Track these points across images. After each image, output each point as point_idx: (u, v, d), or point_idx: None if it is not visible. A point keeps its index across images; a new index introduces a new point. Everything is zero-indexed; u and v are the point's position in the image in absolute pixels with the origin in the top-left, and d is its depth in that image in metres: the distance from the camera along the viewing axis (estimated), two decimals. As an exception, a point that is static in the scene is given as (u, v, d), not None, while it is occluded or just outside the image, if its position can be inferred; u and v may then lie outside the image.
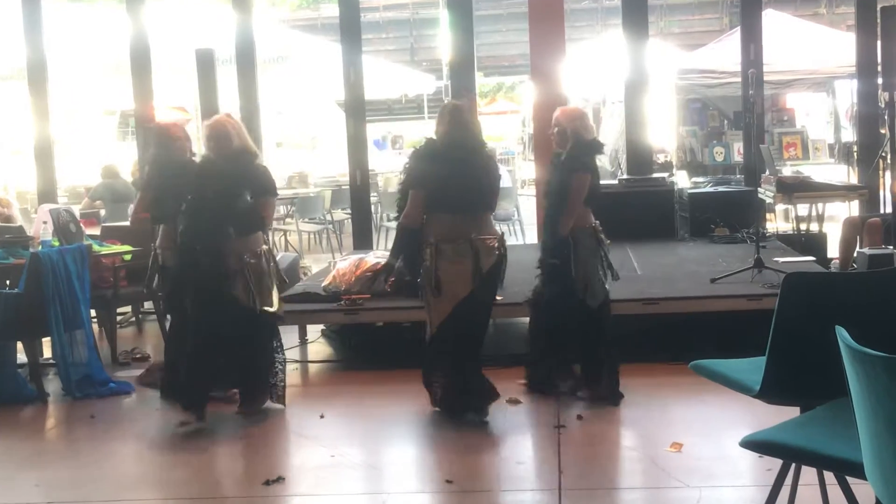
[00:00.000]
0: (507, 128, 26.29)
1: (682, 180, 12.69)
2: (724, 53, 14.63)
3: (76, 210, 8.99)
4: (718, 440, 5.83)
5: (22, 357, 7.57)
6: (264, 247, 6.45)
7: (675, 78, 15.10)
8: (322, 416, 6.52)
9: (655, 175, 11.45)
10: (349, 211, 13.08)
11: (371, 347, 8.16)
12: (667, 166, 14.15)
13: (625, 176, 11.51)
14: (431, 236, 6.14)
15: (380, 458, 5.99)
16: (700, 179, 12.97)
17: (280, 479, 5.42)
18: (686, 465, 5.36)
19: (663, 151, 15.10)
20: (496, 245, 6.34)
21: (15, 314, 7.15)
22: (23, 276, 7.36)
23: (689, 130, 16.57)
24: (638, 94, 11.36)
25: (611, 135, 17.07)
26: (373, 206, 12.62)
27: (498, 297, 7.83)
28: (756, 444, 3.28)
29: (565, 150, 6.58)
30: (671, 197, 10.96)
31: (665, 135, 16.16)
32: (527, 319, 7.98)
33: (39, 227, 8.31)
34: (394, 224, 6.80)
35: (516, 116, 26.15)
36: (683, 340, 7.32)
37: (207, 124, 6.42)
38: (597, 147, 6.81)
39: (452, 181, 6.12)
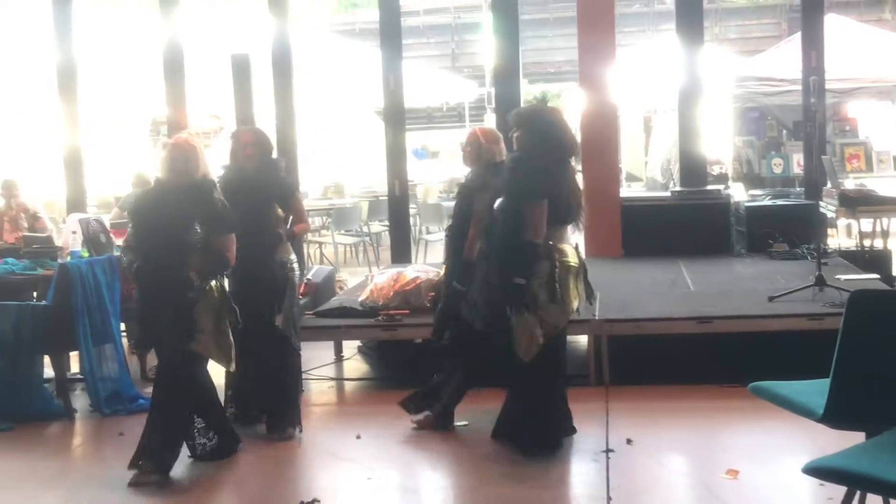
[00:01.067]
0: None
1: (739, 193, 12.61)
2: (784, 60, 14.51)
3: (106, 220, 9.06)
4: (776, 467, 5.76)
5: (49, 372, 7.63)
6: (213, 283, 5.96)
7: (732, 85, 15.01)
8: (359, 437, 6.51)
9: (710, 187, 11.39)
10: (387, 223, 13.12)
11: (410, 365, 8.15)
12: (722, 178, 14.07)
13: (678, 188, 11.45)
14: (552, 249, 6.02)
15: (418, 482, 5.99)
16: (757, 192, 12.88)
17: (315, 502, 5.44)
18: (742, 493, 5.31)
19: (718, 162, 15.01)
20: None
21: (42, 327, 7.21)
22: (51, 287, 7.44)
23: (746, 141, 16.46)
24: (692, 103, 11.31)
25: (662, 144, 17.02)
26: (412, 218, 12.65)
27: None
28: (819, 471, 3.25)
29: (473, 168, 6.60)
30: (727, 210, 10.89)
31: (720, 145, 16.05)
32: (567, 338, 7.99)
33: (68, 238, 8.39)
34: (433, 237, 6.83)
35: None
36: (739, 361, 7.26)
37: (170, 143, 5.95)
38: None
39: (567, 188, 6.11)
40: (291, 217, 6.68)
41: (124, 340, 8.19)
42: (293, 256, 6.61)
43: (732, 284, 8.97)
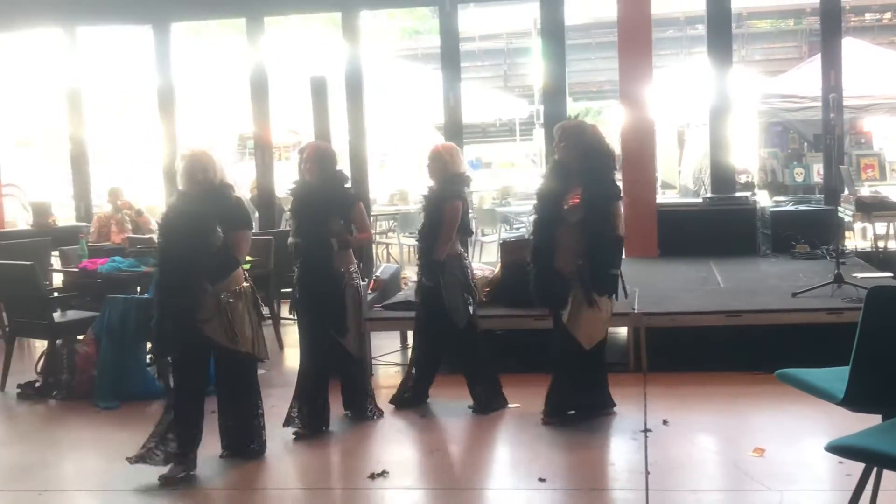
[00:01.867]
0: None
1: (764, 199, 12.46)
2: (805, 79, 14.35)
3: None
4: (799, 446, 5.72)
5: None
6: (244, 284, 5.71)
7: (758, 102, 14.86)
8: (422, 416, 6.55)
9: (738, 194, 11.30)
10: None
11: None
12: (749, 186, 13.91)
13: (709, 195, 11.38)
14: None
15: (477, 456, 5.98)
16: (781, 198, 12.73)
17: (384, 473, 5.48)
18: (768, 469, 5.27)
19: (746, 172, 14.86)
20: None
21: (145, 317, 7.30)
22: (152, 282, 7.55)
23: (771, 152, 16.28)
24: (722, 118, 11.23)
25: (694, 155, 16.90)
26: (470, 225, 12.65)
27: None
28: (840, 449, 3.23)
29: (436, 180, 6.59)
30: (753, 215, 10.81)
31: (747, 156, 15.90)
32: (609, 330, 7.97)
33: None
34: (488, 238, 6.82)
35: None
36: (765, 351, 7.21)
37: (187, 154, 5.65)
38: (465, 180, 6.74)
39: None
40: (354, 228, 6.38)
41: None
42: (353, 266, 6.35)
43: (759, 282, 8.90)
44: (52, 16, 12.33)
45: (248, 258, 8.64)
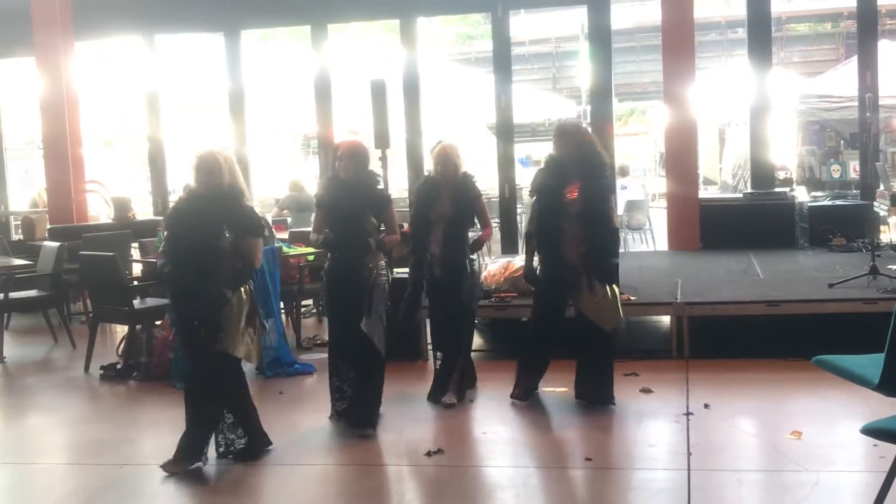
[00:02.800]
0: (638, 147, 25.96)
1: (802, 195, 12.30)
2: (842, 80, 14.16)
3: (269, 217, 9.25)
4: (836, 429, 5.64)
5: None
6: (242, 287, 5.39)
7: (797, 102, 14.68)
8: (472, 401, 6.55)
9: (777, 189, 11.17)
10: (498, 220, 13.11)
11: (517, 338, 8.15)
12: (787, 182, 13.75)
13: (749, 190, 11.25)
14: None
15: (526, 436, 5.96)
16: (819, 194, 12.54)
17: (440, 451, 5.50)
18: (805, 451, 5.20)
19: (784, 168, 14.67)
20: None
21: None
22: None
23: (809, 150, 16.06)
24: (762, 117, 11.10)
25: (734, 153, 16.72)
26: (518, 217, 12.62)
27: (632, 298, 7.81)
28: (875, 432, 3.19)
29: (453, 178, 6.41)
30: (792, 209, 10.67)
31: (786, 154, 15.70)
32: (653, 318, 7.95)
33: (238, 232, 8.57)
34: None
35: (647, 137, 25.81)
36: (803, 339, 7.11)
37: (198, 155, 5.37)
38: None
39: None
40: (384, 227, 6.05)
41: (283, 316, 8.35)
42: (382, 263, 6.03)
43: (797, 273, 8.78)
44: (133, 25, 12.50)
45: (313, 250, 8.77)
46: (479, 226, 6.66)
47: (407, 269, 6.73)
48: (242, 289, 5.37)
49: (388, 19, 15.39)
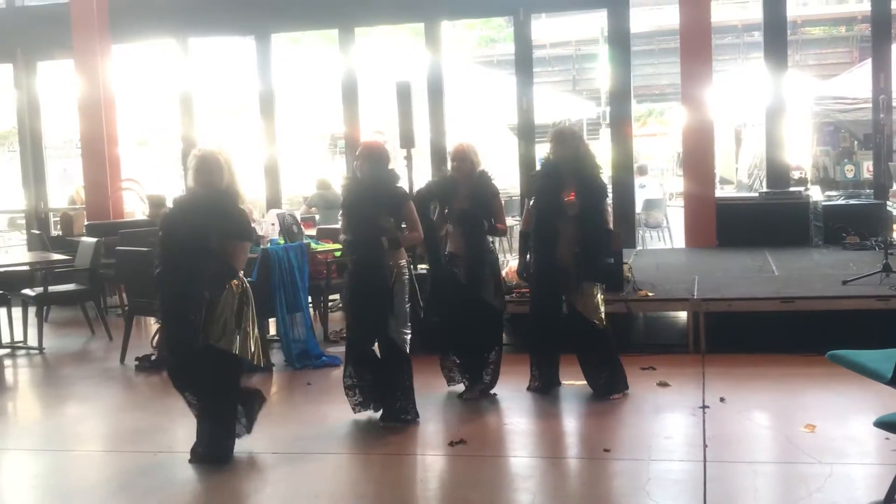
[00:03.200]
0: (656, 148, 25.87)
1: (816, 194, 12.20)
2: (856, 82, 14.03)
3: (297, 214, 9.28)
4: (849, 423, 5.61)
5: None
6: (233, 282, 5.26)
7: (811, 104, 14.57)
8: (495, 394, 6.55)
9: (792, 189, 11.09)
10: (518, 218, 13.10)
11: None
12: (802, 182, 13.63)
13: (764, 189, 11.19)
14: None
15: (546, 428, 5.96)
16: (833, 193, 12.46)
17: (462, 442, 5.51)
18: (818, 444, 5.18)
19: (799, 168, 14.55)
20: None
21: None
22: (255, 267, 7.67)
23: (823, 150, 15.95)
24: (777, 119, 11.03)
25: (750, 153, 16.63)
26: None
27: (650, 294, 7.80)
28: (888, 425, 3.18)
29: (470, 175, 6.32)
30: (806, 208, 10.60)
31: (801, 154, 15.60)
32: (671, 314, 7.92)
33: (269, 228, 8.62)
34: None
35: (665, 138, 25.71)
36: (817, 335, 7.07)
37: (198, 155, 5.23)
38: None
39: None
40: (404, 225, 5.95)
41: (311, 310, 8.38)
42: (403, 262, 5.93)
43: (811, 270, 8.73)
44: (167, 29, 12.57)
45: (340, 246, 8.78)
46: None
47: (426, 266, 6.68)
48: (234, 287, 5.22)
49: (413, 23, 15.40)
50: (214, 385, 5.29)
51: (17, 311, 9.30)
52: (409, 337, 5.92)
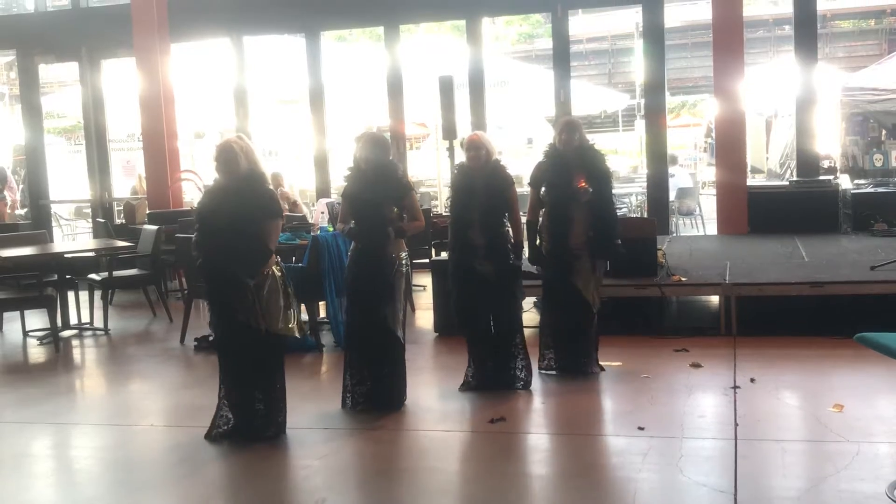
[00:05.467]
0: (688, 138, 25.62)
1: (846, 182, 12.00)
2: (884, 74, 13.77)
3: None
4: (876, 403, 5.53)
5: (304, 316, 7.92)
6: (274, 267, 5.25)
7: (841, 95, 14.31)
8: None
9: (822, 177, 10.93)
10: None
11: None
12: (831, 170, 13.42)
13: (794, 178, 11.04)
14: None
15: (583, 406, 5.92)
16: (861, 182, 12.24)
17: (502, 419, 5.52)
18: (846, 423, 5.11)
19: (828, 157, 14.32)
20: None
21: (300, 283, 7.44)
22: (306, 253, 7.74)
23: (852, 140, 15.64)
24: (807, 109, 10.87)
25: (780, 143, 16.41)
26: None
27: (683, 279, 7.73)
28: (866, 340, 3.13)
29: (485, 165, 6.05)
30: (836, 196, 10.44)
31: (831, 143, 15.35)
32: (703, 298, 7.82)
33: (318, 216, 8.67)
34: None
35: (698, 129, 25.45)
36: (845, 318, 6.97)
37: (216, 146, 5.20)
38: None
39: None
40: (406, 215, 5.81)
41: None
42: (404, 253, 5.78)
43: (840, 256, 8.60)
44: (223, 28, 12.66)
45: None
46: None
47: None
48: (275, 269, 5.21)
49: (455, 20, 15.39)
50: (265, 363, 5.30)
51: (83, 295, 9.47)
52: (402, 331, 5.78)
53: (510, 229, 6.10)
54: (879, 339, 3.75)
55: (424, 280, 9.74)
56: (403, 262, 5.79)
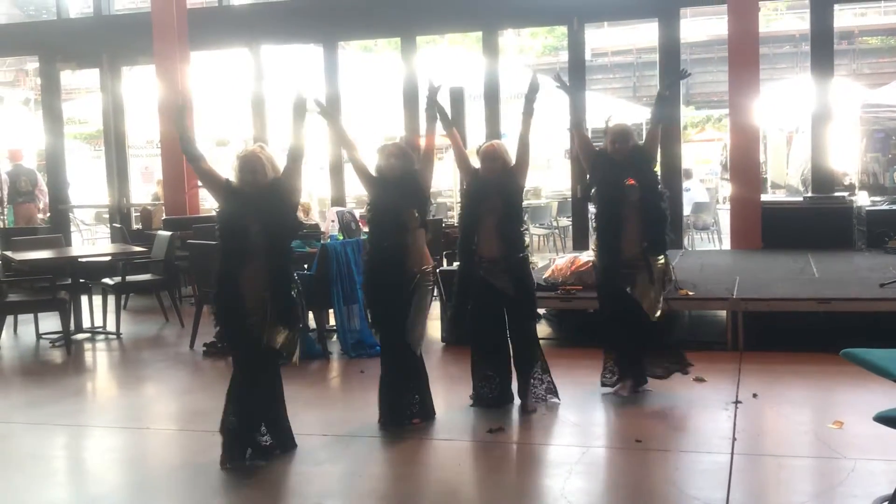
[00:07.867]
0: (713, 153, 25.57)
1: (863, 199, 12.00)
2: (905, 90, 13.78)
3: (357, 212, 9.41)
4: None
5: (312, 323, 8.04)
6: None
7: (860, 111, 14.32)
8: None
9: (837, 194, 10.93)
10: (571, 219, 13.13)
11: (582, 329, 8.19)
12: (850, 187, 13.42)
13: (809, 194, 11.05)
14: None
15: (584, 418, 6.00)
16: (878, 198, 12.23)
17: (501, 429, 5.59)
18: (845, 440, 5.15)
19: (845, 174, 14.31)
20: None
21: (308, 290, 7.58)
22: (315, 261, 7.84)
23: (873, 157, 15.64)
24: (822, 125, 10.88)
25: (800, 158, 16.40)
26: (591, 215, 12.60)
27: (690, 293, 7.76)
28: (886, 419, 3.18)
29: (500, 174, 6.00)
30: (850, 212, 10.45)
31: (850, 160, 15.33)
32: (711, 312, 7.83)
33: (329, 225, 8.76)
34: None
35: (720, 143, 25.42)
36: (853, 335, 6.97)
37: (239, 156, 5.15)
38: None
39: None
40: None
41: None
42: (427, 268, 5.68)
43: (851, 273, 8.61)
44: (241, 37, 12.85)
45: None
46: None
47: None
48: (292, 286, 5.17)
49: (472, 31, 15.51)
50: (271, 381, 5.25)
51: (97, 299, 9.62)
52: (421, 342, 5.75)
53: (527, 237, 6.17)
54: (864, 356, 3.80)
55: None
56: (428, 277, 5.69)
